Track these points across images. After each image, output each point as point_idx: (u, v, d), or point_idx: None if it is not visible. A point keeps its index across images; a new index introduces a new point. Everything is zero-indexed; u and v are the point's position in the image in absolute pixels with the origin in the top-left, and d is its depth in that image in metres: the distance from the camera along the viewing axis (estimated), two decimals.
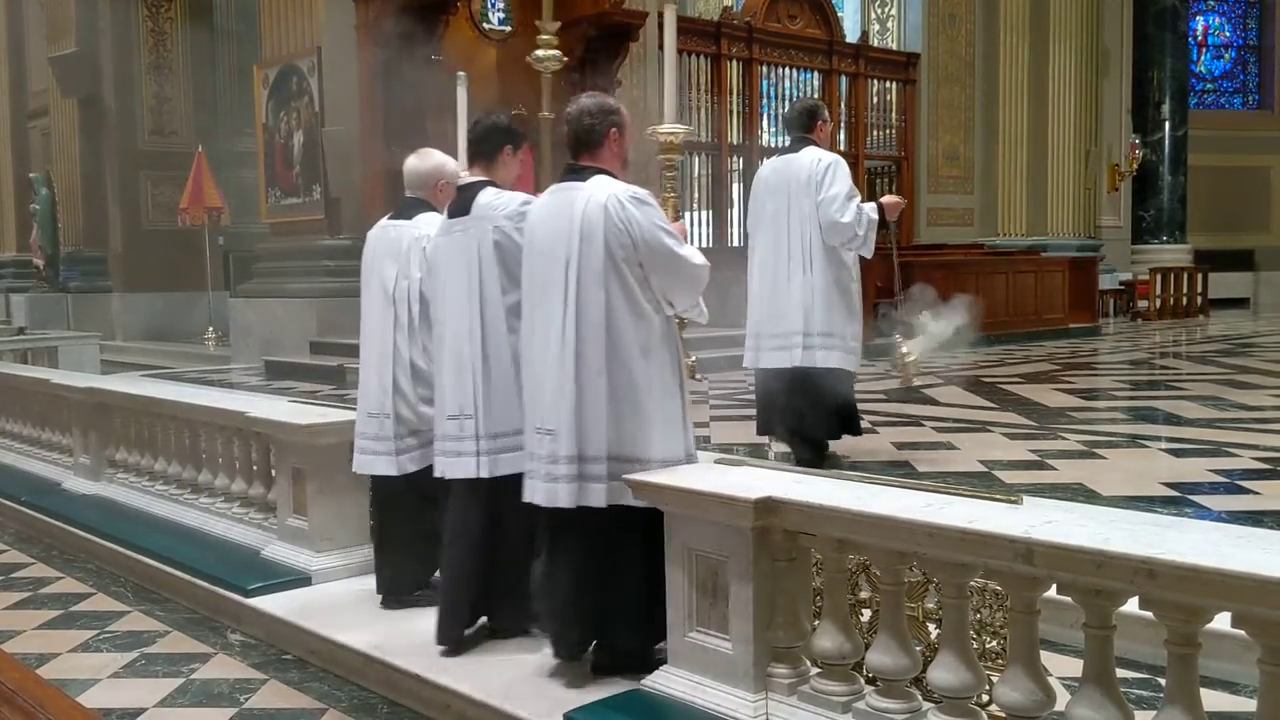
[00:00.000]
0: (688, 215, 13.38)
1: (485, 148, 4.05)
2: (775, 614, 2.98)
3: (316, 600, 4.49)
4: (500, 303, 3.87)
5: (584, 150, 3.59)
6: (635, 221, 3.43)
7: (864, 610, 3.01)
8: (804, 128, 5.64)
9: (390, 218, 4.77)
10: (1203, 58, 21.23)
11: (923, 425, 6.52)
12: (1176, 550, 2.20)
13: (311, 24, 11.01)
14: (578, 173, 3.57)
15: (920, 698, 2.79)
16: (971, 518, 2.54)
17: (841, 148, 15.12)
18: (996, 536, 2.44)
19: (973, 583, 2.67)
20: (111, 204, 14.51)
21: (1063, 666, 3.16)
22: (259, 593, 4.52)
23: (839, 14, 15.64)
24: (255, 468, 5.41)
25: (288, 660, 4.14)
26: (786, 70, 14.78)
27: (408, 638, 4.00)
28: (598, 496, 3.41)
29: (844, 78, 15.32)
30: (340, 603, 4.44)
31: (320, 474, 4.78)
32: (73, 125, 15.00)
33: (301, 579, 4.67)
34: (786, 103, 14.65)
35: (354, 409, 4.89)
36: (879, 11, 16.88)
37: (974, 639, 2.71)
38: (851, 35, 15.86)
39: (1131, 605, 2.31)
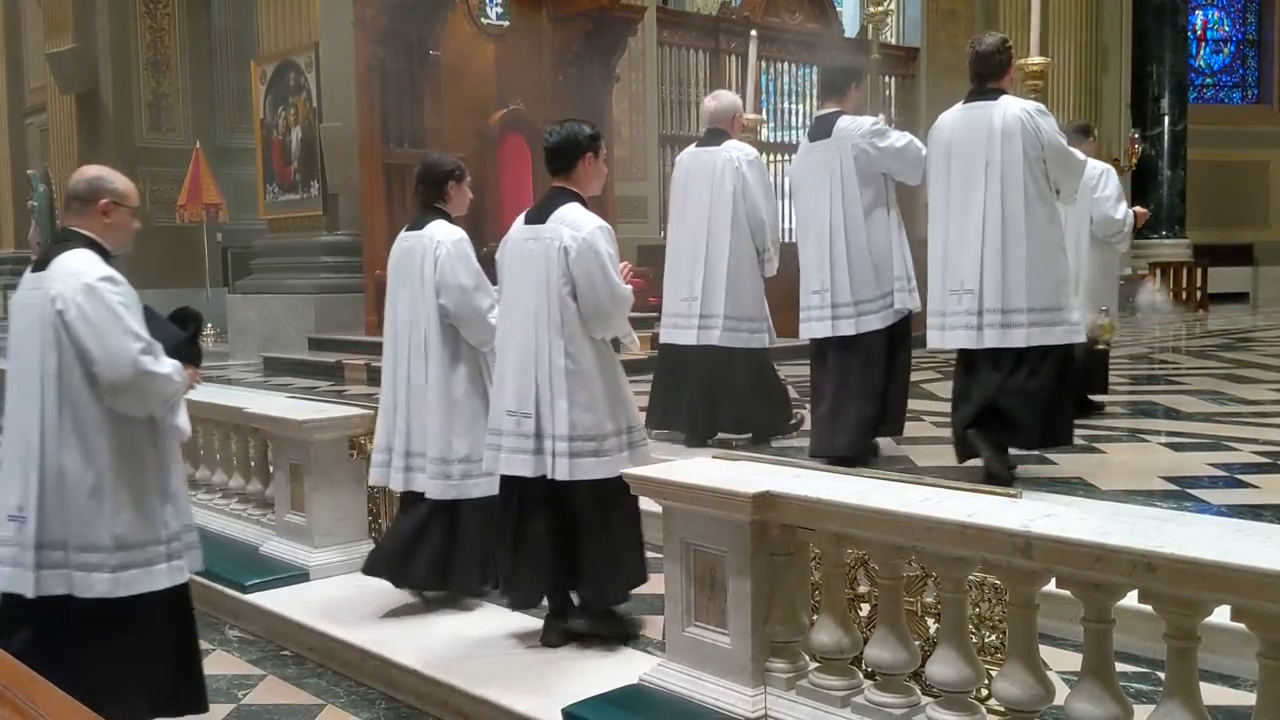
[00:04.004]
0: None
1: (837, 83, 5.41)
2: (773, 608, 2.97)
3: (314, 596, 4.49)
4: (858, 201, 5.18)
5: (991, 77, 4.81)
6: (1042, 129, 4.67)
7: (862, 605, 3.00)
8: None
9: (698, 145, 6.00)
10: (1202, 52, 21.17)
11: (922, 420, 6.49)
12: (1176, 544, 2.19)
13: (309, 20, 10.99)
14: (987, 93, 4.79)
15: (919, 692, 2.79)
16: (970, 512, 2.53)
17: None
18: (995, 530, 2.43)
19: (971, 577, 2.66)
20: None
21: (1062, 661, 3.15)
22: (257, 589, 4.52)
23: (838, 9, 15.60)
24: (253, 464, 5.41)
25: (286, 656, 4.14)
26: (786, 65, 14.74)
27: (405, 633, 4.00)
28: (1019, 338, 4.59)
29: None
30: (338, 598, 4.43)
31: (318, 470, 4.77)
32: (70, 122, 14.97)
33: (299, 575, 4.67)
34: (785, 98, 14.64)
35: (352, 405, 5.05)
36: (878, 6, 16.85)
37: (973, 633, 2.70)
38: (850, 30, 15.82)
39: (1131, 599, 2.31)
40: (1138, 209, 6.85)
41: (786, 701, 2.92)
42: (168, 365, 3.12)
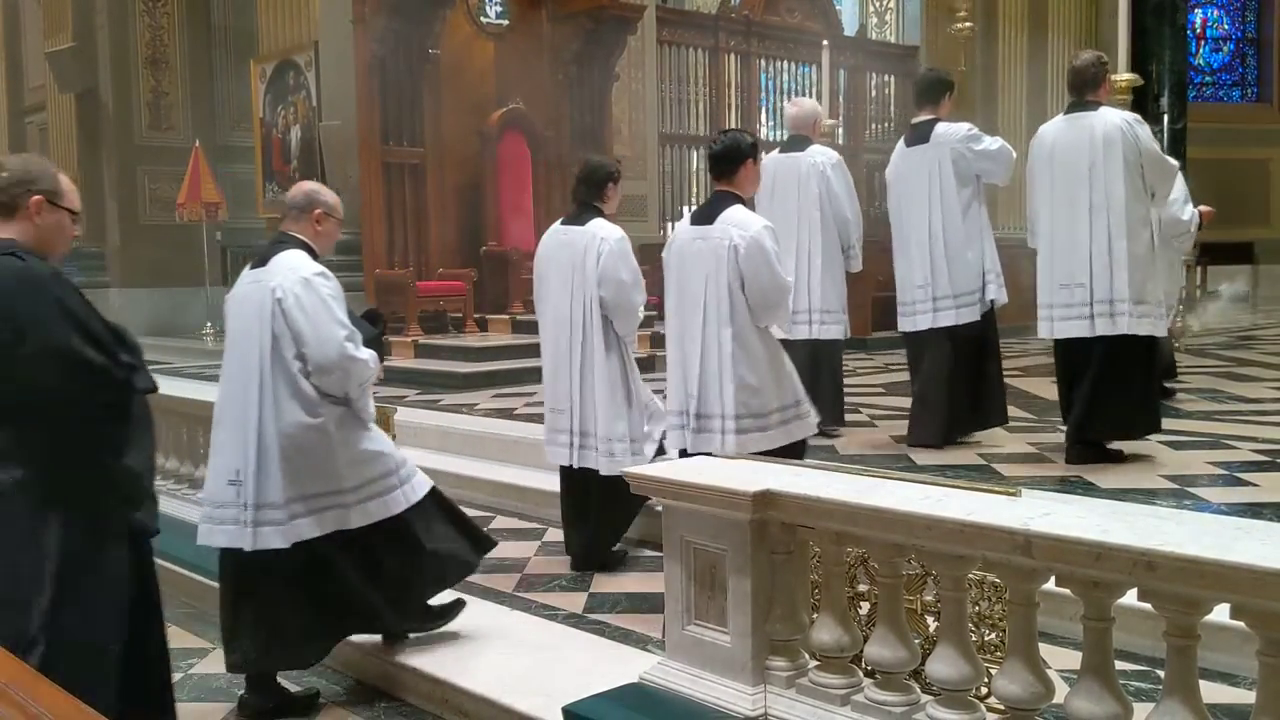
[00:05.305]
0: (685, 208, 13.36)
1: (932, 95, 5.89)
2: (773, 607, 2.98)
3: None
4: (956, 201, 5.69)
5: (1087, 89, 5.28)
6: (1140, 138, 5.14)
7: (862, 603, 3.00)
8: None
9: (782, 151, 6.39)
10: (1201, 50, 21.15)
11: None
12: (1175, 542, 2.19)
13: (308, 18, 10.99)
14: (1086, 105, 5.26)
15: (919, 690, 2.79)
16: (970, 510, 2.53)
17: (840, 142, 15.07)
18: (995, 529, 2.43)
19: (971, 575, 2.67)
20: (109, 199, 14.47)
21: (1061, 659, 3.15)
22: None
23: (837, 7, 15.59)
24: None
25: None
26: (785, 64, 14.74)
27: None
28: (1123, 325, 5.06)
29: (843, 71, 15.28)
30: None
31: None
32: (70, 120, 14.95)
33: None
34: (785, 96, 14.62)
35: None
36: (877, 4, 16.85)
37: (972, 632, 2.70)
38: (850, 28, 15.81)
39: (1130, 597, 2.31)
40: (1203, 208, 7.23)
41: (786, 700, 2.93)
42: (366, 353, 3.58)
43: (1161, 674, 2.38)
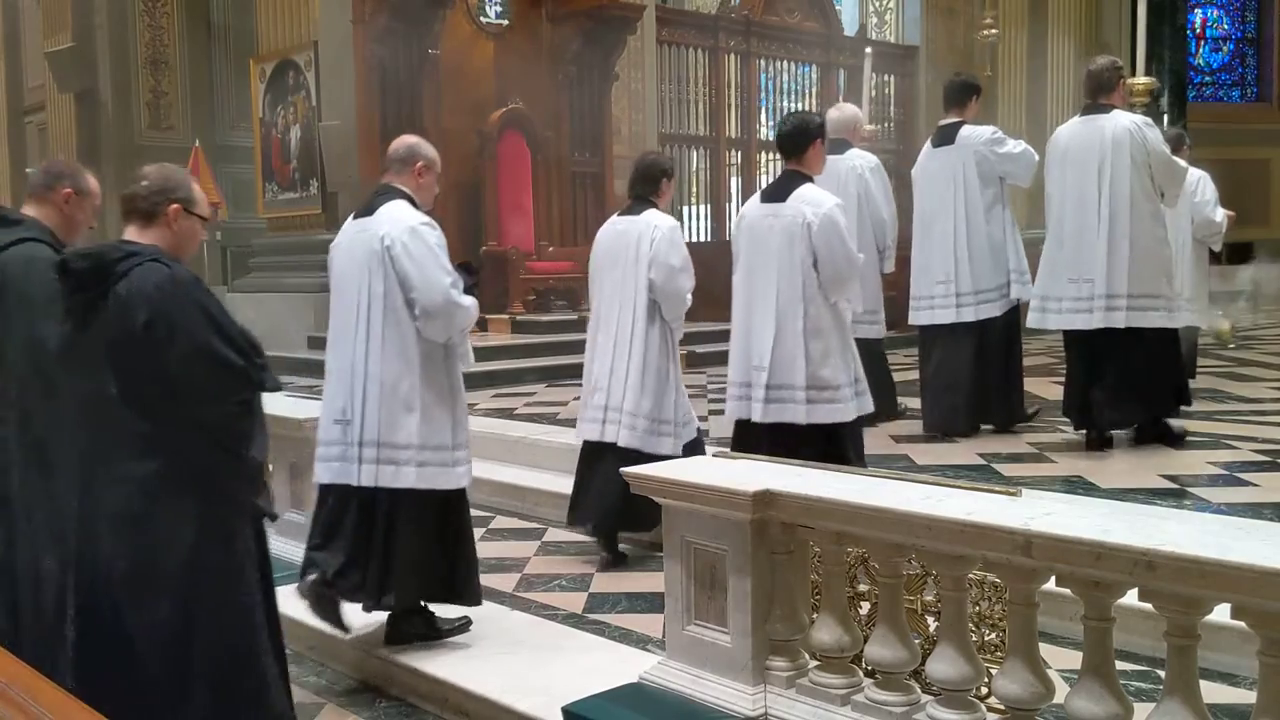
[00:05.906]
0: (686, 209, 13.36)
1: (959, 98, 6.13)
2: (774, 607, 2.97)
3: None
4: (980, 199, 5.91)
5: (1101, 92, 5.48)
6: (1149, 139, 5.35)
7: (863, 603, 3.00)
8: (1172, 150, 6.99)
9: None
10: (1201, 50, 21.15)
11: (921, 418, 6.50)
12: (1176, 542, 2.19)
13: (308, 18, 10.97)
14: (1101, 108, 5.44)
15: (919, 690, 2.79)
16: (970, 510, 2.53)
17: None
18: (995, 529, 2.43)
19: (971, 575, 2.66)
20: (108, 199, 14.47)
21: (1062, 659, 3.15)
22: None
23: (837, 7, 15.59)
24: None
25: (285, 654, 4.13)
26: (785, 64, 14.74)
27: None
28: (1119, 320, 5.27)
29: (842, 71, 15.27)
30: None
31: None
32: (69, 120, 14.93)
33: (298, 573, 4.65)
34: (785, 96, 14.63)
35: None
36: (877, 4, 16.84)
37: (973, 632, 2.70)
38: (850, 28, 15.81)
39: (1130, 597, 2.31)
40: (1227, 212, 7.66)
41: (787, 700, 2.92)
42: (468, 299, 3.74)
43: (1161, 674, 2.38)
